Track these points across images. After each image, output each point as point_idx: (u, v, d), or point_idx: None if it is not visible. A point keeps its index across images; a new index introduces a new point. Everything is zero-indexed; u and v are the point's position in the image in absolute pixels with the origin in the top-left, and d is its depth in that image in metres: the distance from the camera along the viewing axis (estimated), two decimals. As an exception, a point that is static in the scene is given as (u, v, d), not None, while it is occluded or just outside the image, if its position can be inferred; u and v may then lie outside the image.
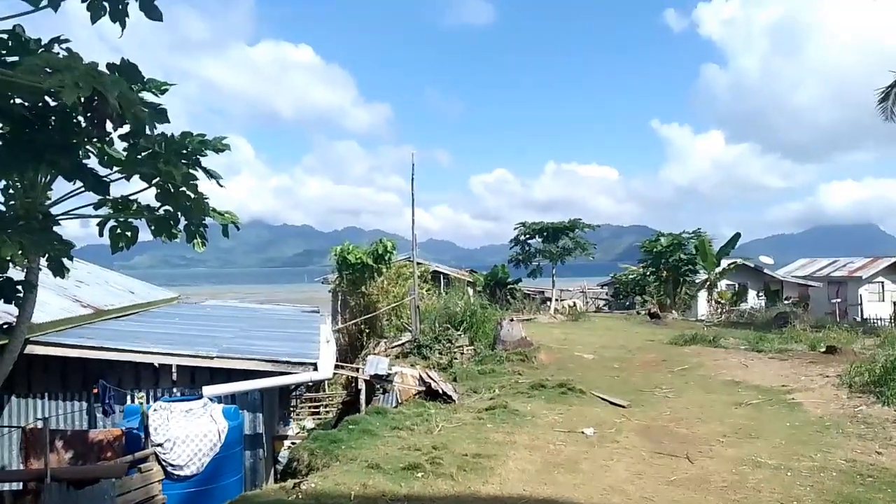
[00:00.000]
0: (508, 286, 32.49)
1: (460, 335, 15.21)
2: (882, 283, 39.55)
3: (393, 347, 15.37)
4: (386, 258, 21.19)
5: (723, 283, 34.58)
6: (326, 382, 17.63)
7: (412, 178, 16.12)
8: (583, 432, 8.26)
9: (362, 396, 11.09)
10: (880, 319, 30.74)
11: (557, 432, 8.32)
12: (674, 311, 28.86)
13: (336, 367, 10.84)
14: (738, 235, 32.91)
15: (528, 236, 32.11)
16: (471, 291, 25.91)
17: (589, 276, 57.28)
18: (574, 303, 30.98)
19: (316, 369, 8.59)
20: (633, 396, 10.43)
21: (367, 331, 20.02)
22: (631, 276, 38.52)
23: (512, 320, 15.45)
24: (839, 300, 35.70)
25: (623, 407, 9.68)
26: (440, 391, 10.44)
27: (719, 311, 30.11)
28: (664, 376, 12.25)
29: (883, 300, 38.94)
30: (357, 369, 11.95)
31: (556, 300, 32.19)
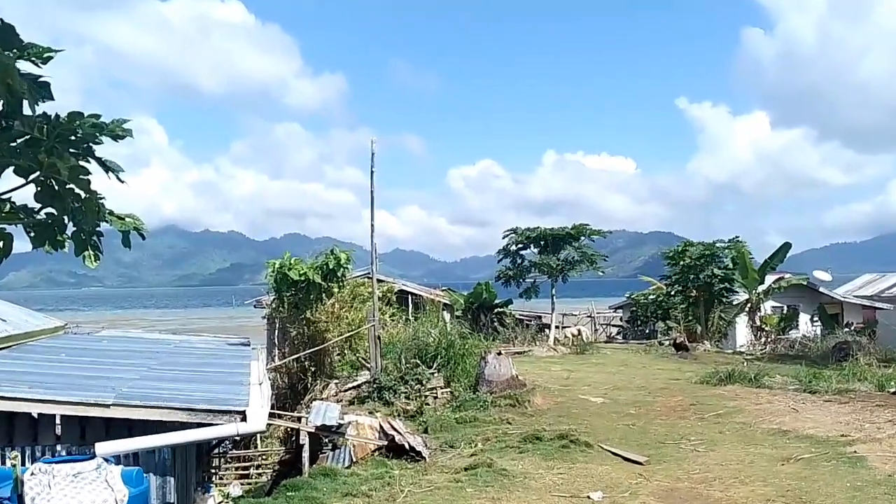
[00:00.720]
0: (496, 310, 32.64)
1: (433, 374, 15.23)
2: (975, 304, 40.32)
3: (346, 390, 15.34)
4: (338, 274, 21.12)
5: (768, 306, 35.03)
6: (259, 436, 17.48)
7: (371, 172, 16.16)
8: (588, 497, 8.32)
9: (305, 454, 11.06)
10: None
11: (556, 497, 8.37)
12: (706, 342, 29.22)
13: (271, 416, 10.78)
14: (787, 245, 33.43)
15: (520, 246, 32.27)
16: (447, 317, 26.00)
17: (599, 297, 57.87)
18: (579, 330, 31.28)
19: (244, 419, 8.54)
20: (654, 450, 10.54)
21: (314, 369, 19.94)
22: (652, 296, 38.89)
23: (500, 354, 15.52)
24: (915, 326, 36.33)
25: (640, 464, 9.78)
26: (406, 446, 10.45)
27: (763, 340, 30.48)
28: (693, 425, 12.40)
29: (976, 327, 39.70)
30: (299, 419, 11.92)
31: (557, 327, 32.36)
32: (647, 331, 38.41)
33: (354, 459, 10.48)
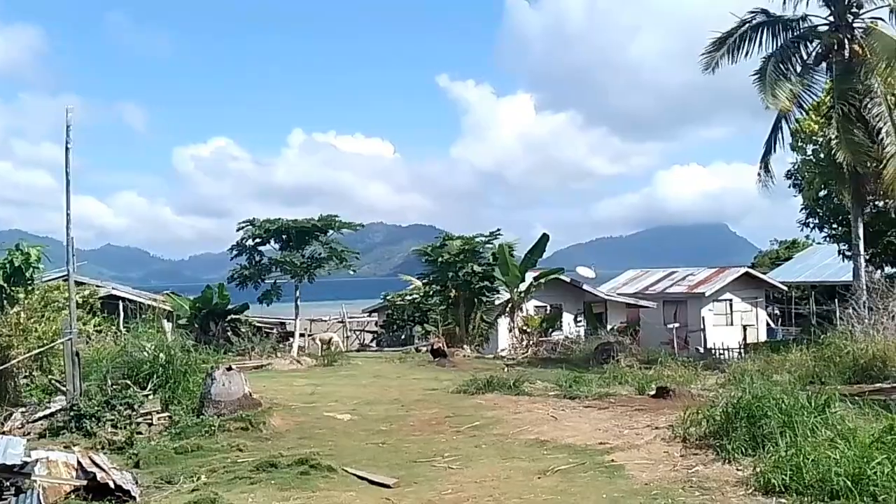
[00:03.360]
0: (229, 317, 31.90)
1: (148, 396, 14.64)
2: (730, 301, 45.15)
3: (36, 420, 14.36)
4: (27, 275, 19.76)
5: (531, 305, 36.96)
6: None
7: (67, 147, 15.34)
8: (329, 530, 8.33)
9: (-21, 502, 10.20)
10: (727, 349, 35.02)
11: (292, 533, 8.32)
12: (466, 346, 30.33)
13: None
14: (546, 237, 35.22)
15: (259, 240, 31.71)
16: (168, 327, 25.07)
17: (353, 299, 58.28)
18: (329, 339, 31.37)
19: None
20: (405, 471, 10.75)
21: (-7, 395, 18.54)
22: (409, 297, 39.68)
23: (230, 370, 15.17)
24: (677, 325, 40.08)
25: (388, 487, 9.93)
26: (112, 484, 9.92)
27: (525, 343, 32.06)
28: (448, 439, 12.82)
29: (731, 323, 44.46)
30: (-29, 459, 10.96)
31: (303, 335, 32.27)
32: (403, 336, 39.22)
33: (45, 504, 9.80)
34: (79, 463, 10.53)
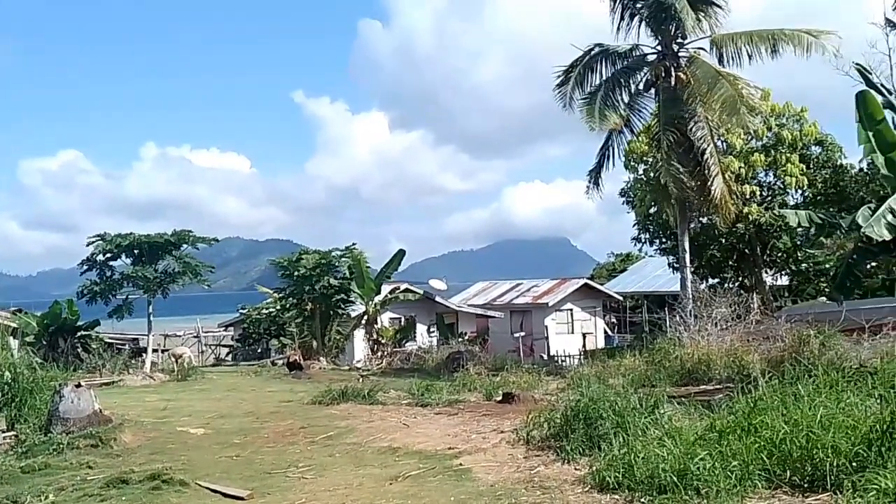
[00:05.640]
0: (79, 333, 30.69)
1: (-9, 415, 13.94)
2: (571, 310, 46.57)
3: None
4: None
5: (385, 317, 37.23)
6: None
7: None
8: (181, 544, 8.14)
9: None
10: (568, 356, 36.07)
11: (143, 549, 8.07)
12: (322, 358, 30.30)
13: None
14: (401, 252, 35.80)
15: (110, 255, 30.69)
16: (15, 344, 23.88)
17: (209, 313, 57.03)
18: (182, 354, 30.54)
19: None
20: (259, 482, 10.61)
21: None
22: (266, 311, 39.28)
23: (78, 386, 14.58)
24: (523, 333, 41.02)
25: (242, 499, 9.78)
26: (-48, 507, 9.40)
27: (380, 354, 32.31)
28: (303, 450, 12.72)
29: (572, 332, 45.85)
30: None
31: (156, 351, 31.38)
32: (259, 350, 38.71)
33: None
34: (-84, 486, 9.92)
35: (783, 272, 36.57)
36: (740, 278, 35.27)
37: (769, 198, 32.52)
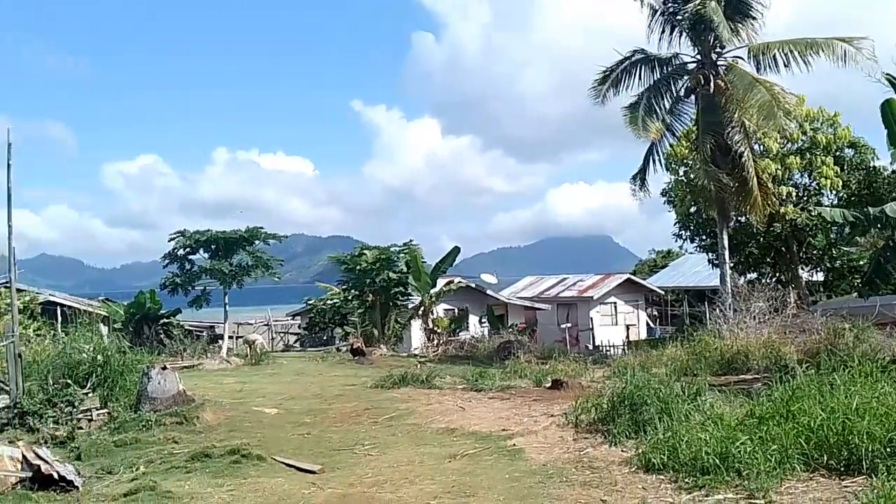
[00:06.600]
0: (161, 321, 31.31)
1: (87, 394, 14.28)
2: (615, 303, 46.30)
3: (-21, 418, 13.88)
4: (-33, 284, 19.16)
5: (440, 308, 37.44)
6: None
7: (8, 165, 14.83)
8: (260, 512, 8.35)
9: (-74, 495, 9.85)
10: (612, 346, 35.92)
11: (226, 516, 8.31)
12: (382, 346, 30.47)
13: None
14: (456, 249, 35.95)
15: (188, 250, 31.23)
16: (105, 330, 24.47)
17: (277, 304, 57.77)
18: (255, 340, 31.03)
19: None
20: (328, 458, 10.82)
21: (-65, 396, 17.81)
22: (330, 302, 39.66)
23: (164, 369, 14.94)
24: (569, 324, 40.89)
25: (314, 473, 9.98)
26: (55, 475, 9.71)
27: (436, 342, 32.48)
28: (367, 429, 12.91)
29: (616, 323, 45.60)
30: (-83, 455, 10.58)
31: (231, 337, 31.88)
32: (325, 338, 39.10)
33: (-9, 496, 9.53)
34: (23, 456, 10.26)
35: (818, 269, 35.98)
36: (777, 274, 34.78)
37: (805, 198, 32.02)
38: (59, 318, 27.69)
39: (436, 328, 34.09)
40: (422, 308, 34.08)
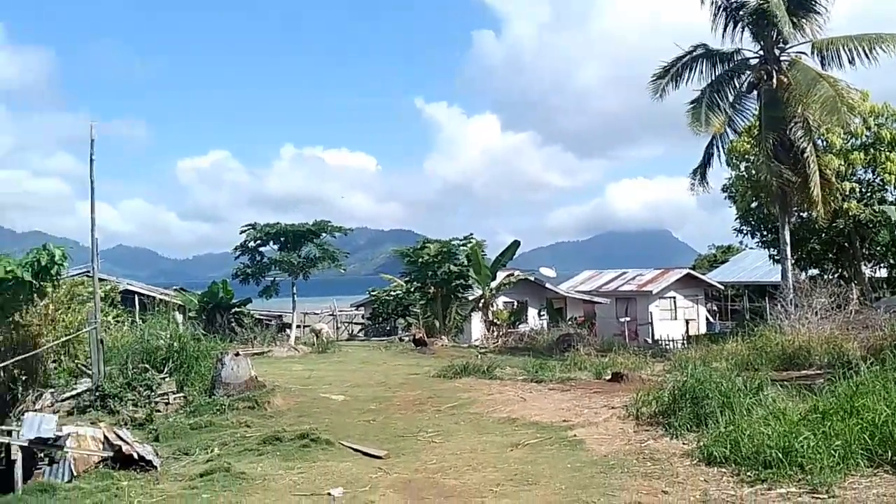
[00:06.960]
0: (233, 310, 31.85)
1: (164, 378, 14.62)
2: (674, 298, 45.57)
3: (64, 400, 14.31)
4: (52, 272, 19.59)
5: (500, 301, 37.32)
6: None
7: (91, 160, 15.23)
8: (329, 494, 8.46)
9: (18, 470, 10.20)
10: (672, 340, 35.39)
11: (296, 497, 8.44)
12: (444, 337, 30.54)
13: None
14: (516, 243, 35.78)
15: (259, 242, 31.70)
16: (180, 318, 24.99)
17: (342, 295, 58.30)
18: (321, 329, 31.37)
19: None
20: (393, 444, 10.92)
21: (24, 377, 18.35)
22: (393, 294, 39.90)
23: (237, 355, 15.23)
24: (628, 318, 40.41)
25: (380, 458, 10.09)
26: (135, 455, 9.99)
27: (496, 334, 32.37)
28: (430, 417, 13.00)
29: (675, 318, 44.87)
30: (8, 433, 10.96)
31: (299, 326, 32.26)
32: (388, 328, 39.34)
33: (76, 473, 9.84)
34: (105, 437, 10.57)
35: (881, 265, 34.87)
36: (839, 270, 33.85)
37: (868, 194, 31.05)
38: (137, 307, 28.34)
39: (495, 320, 34.03)
40: (482, 300, 34.04)
